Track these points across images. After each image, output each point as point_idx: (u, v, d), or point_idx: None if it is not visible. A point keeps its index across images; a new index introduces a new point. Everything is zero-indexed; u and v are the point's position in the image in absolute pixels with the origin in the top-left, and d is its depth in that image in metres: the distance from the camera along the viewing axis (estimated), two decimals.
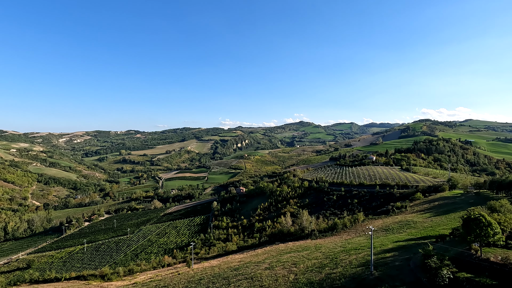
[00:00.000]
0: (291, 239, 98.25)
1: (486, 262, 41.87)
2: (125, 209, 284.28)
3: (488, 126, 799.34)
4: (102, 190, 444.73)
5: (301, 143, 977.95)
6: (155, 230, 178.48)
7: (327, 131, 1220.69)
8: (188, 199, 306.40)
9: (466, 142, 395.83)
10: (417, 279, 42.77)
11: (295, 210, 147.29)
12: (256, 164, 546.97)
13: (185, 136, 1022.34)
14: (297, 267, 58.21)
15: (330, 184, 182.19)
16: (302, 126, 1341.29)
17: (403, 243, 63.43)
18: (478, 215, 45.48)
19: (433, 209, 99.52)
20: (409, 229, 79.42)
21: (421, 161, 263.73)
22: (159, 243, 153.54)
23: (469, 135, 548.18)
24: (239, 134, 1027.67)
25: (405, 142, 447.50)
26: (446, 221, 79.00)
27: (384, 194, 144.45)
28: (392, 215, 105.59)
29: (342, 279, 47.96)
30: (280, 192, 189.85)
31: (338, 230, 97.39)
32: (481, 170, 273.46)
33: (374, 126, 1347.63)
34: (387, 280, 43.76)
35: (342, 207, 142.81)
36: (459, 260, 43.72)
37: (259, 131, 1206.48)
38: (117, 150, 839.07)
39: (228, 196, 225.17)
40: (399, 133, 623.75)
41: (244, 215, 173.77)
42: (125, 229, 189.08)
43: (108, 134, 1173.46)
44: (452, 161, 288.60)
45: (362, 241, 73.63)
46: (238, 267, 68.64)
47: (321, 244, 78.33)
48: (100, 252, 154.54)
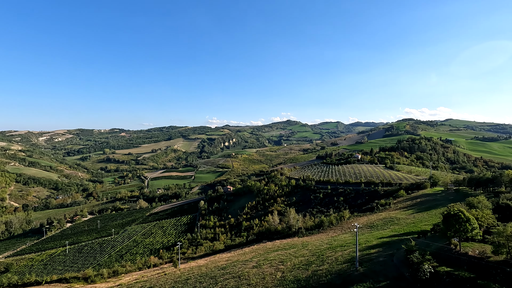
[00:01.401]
0: (279, 237, 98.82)
1: (465, 256, 43.56)
2: (109, 210, 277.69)
3: (467, 125, 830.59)
4: (85, 190, 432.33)
5: (288, 141, 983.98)
6: (141, 230, 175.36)
7: (314, 130, 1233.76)
8: (175, 199, 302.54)
9: (446, 141, 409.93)
10: (400, 274, 44.00)
11: (282, 209, 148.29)
12: (243, 163, 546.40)
13: (171, 135, 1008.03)
14: (284, 265, 58.63)
15: (317, 182, 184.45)
16: (289, 125, 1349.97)
17: (387, 239, 65.08)
18: (457, 211, 47.24)
19: (416, 206, 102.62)
20: (392, 226, 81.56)
21: (404, 159, 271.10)
22: (144, 243, 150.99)
23: (450, 134, 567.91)
24: (227, 132, 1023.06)
25: (389, 140, 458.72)
26: (427, 217, 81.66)
27: (369, 191, 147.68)
28: (376, 212, 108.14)
29: (328, 275, 48.69)
30: (267, 190, 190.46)
31: (325, 227, 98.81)
32: (461, 168, 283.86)
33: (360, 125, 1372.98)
34: (371, 276, 44.78)
35: (328, 204, 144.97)
36: (440, 254, 45.29)
37: (247, 130, 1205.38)
38: (101, 149, 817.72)
39: (216, 195, 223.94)
40: (384, 132, 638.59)
41: (232, 214, 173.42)
42: (110, 230, 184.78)
43: (91, 133, 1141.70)
44: (434, 159, 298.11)
45: (347, 238, 74.98)
46: (225, 266, 68.44)
47: (307, 242, 79.22)
48: (83, 254, 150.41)
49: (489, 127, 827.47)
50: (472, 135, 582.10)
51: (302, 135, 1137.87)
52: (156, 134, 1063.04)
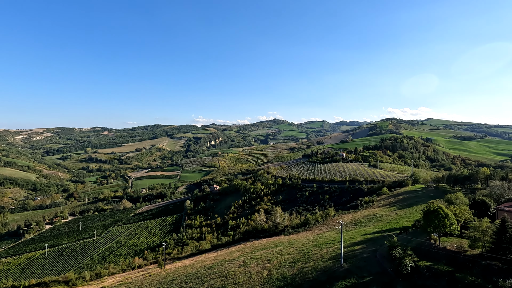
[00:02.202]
0: (265, 235, 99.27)
1: (444, 250, 45.29)
2: (91, 210, 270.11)
3: (446, 124, 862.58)
4: (65, 191, 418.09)
5: (274, 140, 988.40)
6: (125, 231, 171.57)
7: (300, 129, 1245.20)
8: (160, 198, 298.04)
9: (427, 140, 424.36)
10: (383, 269, 45.23)
11: (269, 207, 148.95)
12: (230, 162, 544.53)
13: (156, 134, 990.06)
14: (270, 263, 58.96)
15: (303, 180, 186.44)
16: (275, 124, 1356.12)
17: (371, 236, 66.72)
18: (437, 207, 49.01)
19: (398, 203, 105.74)
20: (376, 222, 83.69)
21: (387, 157, 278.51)
22: (129, 244, 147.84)
23: (430, 133, 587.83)
24: (213, 131, 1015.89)
25: (373, 139, 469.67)
26: (409, 214, 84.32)
27: (353, 189, 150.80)
28: (360, 210, 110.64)
29: (314, 272, 49.40)
30: (254, 189, 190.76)
31: (311, 225, 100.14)
32: (440, 166, 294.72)
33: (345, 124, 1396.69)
34: (355, 272, 45.80)
35: (314, 202, 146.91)
36: (420, 249, 46.87)
37: (233, 129, 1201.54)
38: (82, 148, 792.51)
39: (202, 195, 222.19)
40: (368, 131, 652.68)
41: (218, 213, 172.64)
42: (92, 231, 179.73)
43: (72, 131, 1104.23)
44: (415, 157, 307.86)
45: (333, 235, 76.29)
46: (211, 266, 68.09)
47: (294, 240, 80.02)
48: (63, 257, 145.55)
49: (466, 126, 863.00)
50: (450, 134, 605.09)
51: (288, 134, 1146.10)
52: (140, 133, 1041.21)
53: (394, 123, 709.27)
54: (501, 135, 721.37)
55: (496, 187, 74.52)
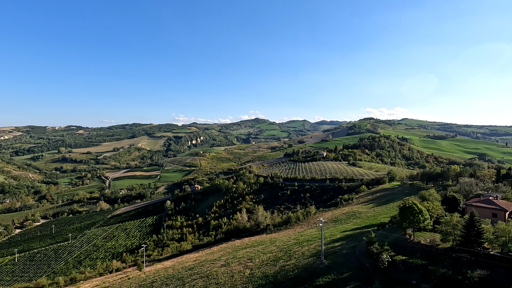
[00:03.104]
0: (247, 234, 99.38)
1: (418, 245, 47.38)
2: (65, 213, 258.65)
3: (420, 124, 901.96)
4: (37, 193, 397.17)
5: (256, 139, 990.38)
6: (102, 233, 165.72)
7: (282, 128, 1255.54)
8: (139, 199, 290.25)
9: (402, 139, 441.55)
10: (361, 264, 46.63)
11: (251, 206, 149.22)
12: (211, 161, 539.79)
13: (135, 133, 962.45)
14: (252, 262, 59.10)
15: (285, 179, 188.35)
16: (257, 123, 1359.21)
17: (350, 232, 68.54)
18: (412, 204, 51.13)
19: (375, 200, 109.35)
20: (355, 219, 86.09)
21: (366, 156, 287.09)
22: (106, 247, 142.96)
23: (405, 132, 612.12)
24: (194, 130, 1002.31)
25: (352, 138, 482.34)
26: (386, 210, 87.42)
27: (333, 187, 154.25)
28: (340, 207, 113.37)
29: (295, 270, 50.06)
30: (236, 188, 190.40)
31: (292, 223, 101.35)
32: (415, 164, 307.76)
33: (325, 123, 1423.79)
34: (335, 268, 46.90)
35: (295, 201, 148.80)
36: (397, 244, 48.74)
37: (215, 128, 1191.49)
38: (55, 148, 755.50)
39: (183, 195, 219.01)
40: (347, 130, 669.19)
41: (200, 213, 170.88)
42: (66, 235, 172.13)
43: (44, 130, 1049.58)
44: (391, 156, 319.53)
45: (314, 232, 77.63)
46: (193, 267, 67.25)
47: (275, 238, 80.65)
48: (35, 262, 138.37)
49: (438, 126, 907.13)
50: (424, 133, 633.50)
51: (270, 133, 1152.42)
52: (118, 132, 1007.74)
53: (372, 122, 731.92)
54: (469, 135, 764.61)
55: (465, 184, 78.85)
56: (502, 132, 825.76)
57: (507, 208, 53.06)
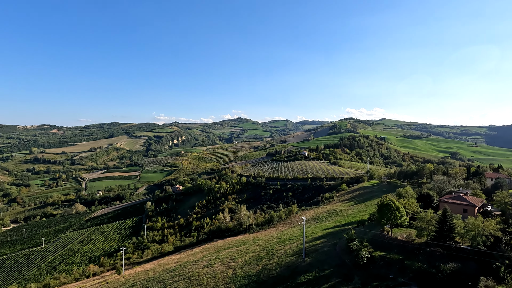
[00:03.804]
0: (230, 234, 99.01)
1: (395, 240, 49.17)
2: (38, 216, 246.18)
3: (398, 124, 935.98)
4: (6, 196, 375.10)
5: (239, 139, 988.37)
6: (78, 237, 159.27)
7: (264, 128, 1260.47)
8: (118, 201, 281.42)
9: (381, 138, 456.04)
10: (342, 261, 47.76)
11: (234, 206, 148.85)
12: (193, 161, 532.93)
13: (113, 132, 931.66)
14: (235, 262, 58.97)
15: (267, 179, 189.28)
16: (240, 123, 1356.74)
17: (331, 230, 70.00)
18: (389, 201, 53.01)
19: (355, 198, 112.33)
20: (336, 217, 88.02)
21: (346, 155, 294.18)
22: (82, 251, 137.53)
23: (383, 132, 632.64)
24: (175, 130, 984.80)
25: (333, 138, 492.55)
26: (365, 208, 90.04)
27: (315, 186, 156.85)
28: (322, 205, 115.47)
29: (278, 268, 50.47)
30: (218, 188, 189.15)
31: (275, 222, 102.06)
32: (392, 163, 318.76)
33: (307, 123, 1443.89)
34: (317, 265, 47.74)
35: (278, 200, 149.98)
36: (375, 240, 50.32)
37: (197, 127, 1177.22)
38: (26, 148, 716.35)
39: (164, 195, 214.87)
40: (328, 130, 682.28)
41: (181, 214, 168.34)
42: (39, 239, 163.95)
43: (14, 129, 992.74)
44: (370, 155, 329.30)
45: (296, 231, 78.59)
46: (174, 268, 66.12)
47: (258, 237, 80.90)
48: (4, 269, 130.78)
49: (414, 126, 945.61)
50: (401, 133, 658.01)
51: (252, 132, 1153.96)
52: (95, 131, 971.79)
53: (352, 122, 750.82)
54: (443, 134, 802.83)
55: (439, 181, 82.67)
56: (471, 132, 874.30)
57: (476, 203, 56.21)
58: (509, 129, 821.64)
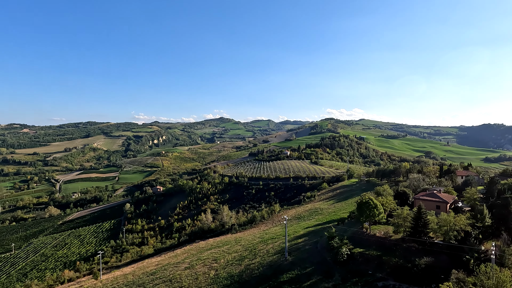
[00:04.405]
0: (212, 235, 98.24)
1: (374, 237, 50.71)
2: (7, 221, 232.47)
3: (376, 125, 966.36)
4: None
5: (221, 139, 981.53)
6: (51, 241, 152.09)
7: (247, 128, 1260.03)
8: (95, 203, 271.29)
9: (360, 138, 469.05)
10: (323, 258, 48.66)
11: (216, 206, 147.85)
12: (174, 161, 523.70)
13: (90, 132, 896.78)
14: (217, 263, 58.54)
15: (250, 178, 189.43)
16: (222, 122, 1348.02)
17: (312, 229, 71.13)
18: (368, 199, 54.58)
19: (336, 197, 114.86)
20: (317, 216, 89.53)
21: (327, 154, 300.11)
22: (56, 256, 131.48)
23: (362, 132, 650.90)
24: (156, 129, 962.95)
25: (314, 138, 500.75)
26: (345, 206, 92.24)
27: (297, 185, 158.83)
28: (303, 204, 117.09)
29: (260, 268, 50.63)
30: (200, 189, 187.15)
31: (257, 222, 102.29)
32: (371, 162, 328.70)
33: (289, 123, 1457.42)
34: (299, 263, 48.33)
35: (260, 200, 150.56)
36: (355, 238, 51.67)
37: (178, 127, 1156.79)
38: None
39: (144, 197, 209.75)
40: (309, 130, 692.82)
41: (162, 215, 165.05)
42: (8, 245, 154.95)
43: None
44: (350, 154, 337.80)
45: (278, 230, 79.16)
46: (155, 271, 64.66)
47: (241, 237, 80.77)
48: None
49: (391, 126, 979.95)
50: (379, 133, 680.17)
51: (235, 132, 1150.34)
52: (70, 131, 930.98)
53: (333, 122, 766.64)
54: (418, 134, 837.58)
55: (414, 179, 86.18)
56: (444, 132, 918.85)
57: (448, 200, 59.10)
58: (478, 129, 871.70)
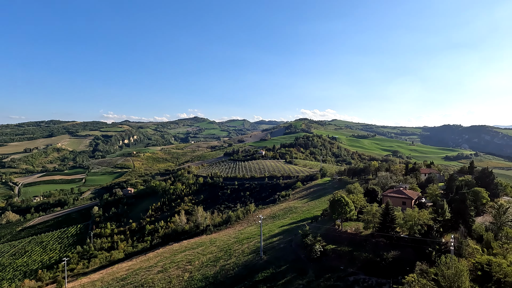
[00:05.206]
0: (186, 237, 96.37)
1: (345, 233, 52.50)
2: None
3: (347, 125, 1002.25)
4: None
5: (196, 139, 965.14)
6: (9, 249, 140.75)
7: (222, 128, 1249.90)
8: (59, 207, 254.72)
9: (332, 138, 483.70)
10: (297, 256, 49.55)
11: (190, 208, 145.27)
12: (146, 162, 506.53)
13: (53, 131, 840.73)
14: (192, 265, 57.50)
15: (225, 178, 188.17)
16: (196, 122, 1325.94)
17: (287, 227, 72.16)
18: (340, 197, 56.41)
19: (310, 195, 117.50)
20: (291, 214, 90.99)
21: (301, 154, 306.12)
22: (15, 265, 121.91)
23: (335, 132, 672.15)
24: (126, 129, 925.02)
25: (289, 138, 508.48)
26: (319, 204, 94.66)
27: (272, 185, 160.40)
28: (278, 203, 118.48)
29: (236, 268, 50.45)
30: (174, 190, 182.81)
31: (232, 222, 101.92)
32: (342, 161, 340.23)
33: (264, 123, 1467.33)
34: (274, 262, 48.81)
35: (235, 200, 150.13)
36: (327, 235, 53.18)
37: (150, 126, 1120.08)
38: None
39: (113, 199, 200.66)
40: (284, 130, 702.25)
41: (133, 218, 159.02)
42: None
43: None
44: (323, 153, 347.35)
45: (253, 230, 79.38)
46: (125, 276, 62.10)
47: (216, 238, 79.97)
48: None
49: (362, 126, 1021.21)
50: (350, 133, 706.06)
51: (210, 132, 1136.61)
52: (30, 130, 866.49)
53: (307, 123, 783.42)
54: (386, 134, 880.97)
55: (382, 177, 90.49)
56: (409, 132, 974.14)
57: (413, 196, 62.72)
58: (439, 130, 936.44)
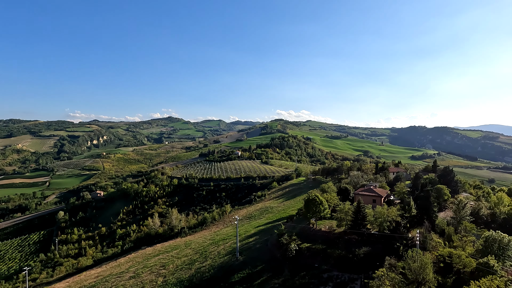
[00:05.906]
0: (160, 240, 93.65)
1: (320, 232, 53.80)
2: None
3: (321, 126, 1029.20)
4: None
5: (170, 139, 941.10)
6: None
7: (197, 128, 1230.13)
8: (20, 212, 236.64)
9: (307, 139, 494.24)
10: (273, 256, 49.95)
11: (164, 210, 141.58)
12: (117, 164, 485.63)
13: (12, 131, 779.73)
14: (166, 269, 55.96)
15: (200, 180, 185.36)
16: (171, 122, 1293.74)
17: (263, 227, 72.53)
18: (314, 196, 57.70)
19: (285, 195, 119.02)
20: (267, 214, 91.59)
21: (277, 154, 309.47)
22: None
23: (309, 132, 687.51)
24: (95, 129, 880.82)
25: (265, 138, 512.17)
26: (294, 204, 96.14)
27: (248, 185, 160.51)
28: (254, 204, 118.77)
29: (211, 270, 49.83)
30: (146, 192, 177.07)
31: (208, 223, 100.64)
32: (317, 161, 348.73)
33: (240, 123, 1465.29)
34: (250, 262, 48.82)
35: (211, 201, 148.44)
36: (302, 233, 54.15)
37: (121, 126, 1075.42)
38: None
39: (81, 203, 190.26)
40: (260, 131, 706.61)
41: (103, 222, 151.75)
42: None
43: None
44: (298, 154, 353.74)
45: (229, 231, 78.89)
46: (94, 284, 59.07)
47: (191, 241, 78.49)
48: None
49: (335, 127, 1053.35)
50: (324, 134, 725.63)
51: (184, 132, 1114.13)
52: None
53: (282, 123, 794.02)
54: (357, 135, 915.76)
55: (354, 176, 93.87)
56: (379, 133, 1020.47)
57: (383, 194, 65.69)
58: (406, 131, 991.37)
